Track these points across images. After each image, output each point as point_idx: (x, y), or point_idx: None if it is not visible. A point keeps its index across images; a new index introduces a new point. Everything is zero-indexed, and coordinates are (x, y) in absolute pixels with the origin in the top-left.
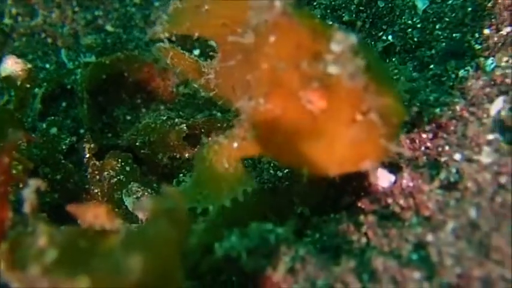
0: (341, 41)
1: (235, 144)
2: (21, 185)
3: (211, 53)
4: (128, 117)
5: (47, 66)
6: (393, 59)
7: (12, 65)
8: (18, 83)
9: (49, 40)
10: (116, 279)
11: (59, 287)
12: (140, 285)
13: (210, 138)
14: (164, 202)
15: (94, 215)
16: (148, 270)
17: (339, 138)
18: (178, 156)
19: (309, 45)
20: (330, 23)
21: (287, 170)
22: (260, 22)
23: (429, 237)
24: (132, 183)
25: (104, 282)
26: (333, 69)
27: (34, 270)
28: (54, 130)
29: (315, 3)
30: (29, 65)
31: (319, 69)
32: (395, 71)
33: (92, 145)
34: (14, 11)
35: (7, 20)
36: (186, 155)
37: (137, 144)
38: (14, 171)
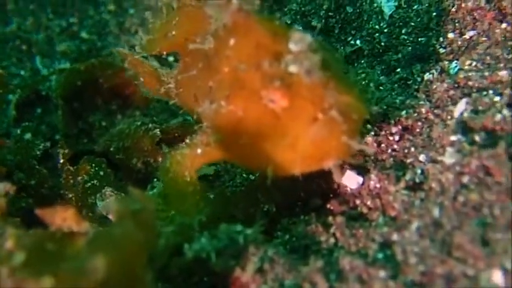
0: (299, 41)
1: (199, 151)
2: None
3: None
4: (104, 123)
5: (22, 72)
6: (362, 62)
7: None
8: None
9: (24, 47)
10: (79, 279)
11: (24, 287)
12: (105, 286)
13: (172, 149)
14: (131, 204)
15: (62, 217)
16: (113, 270)
17: (301, 136)
18: (152, 161)
19: (269, 45)
20: (300, 28)
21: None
22: (219, 27)
23: (394, 237)
24: (105, 188)
25: (68, 282)
26: (293, 68)
27: (2, 272)
28: (28, 136)
29: (285, 10)
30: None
31: (280, 68)
32: (363, 74)
33: (66, 150)
34: None
35: None
36: (160, 160)
37: (112, 149)
38: None
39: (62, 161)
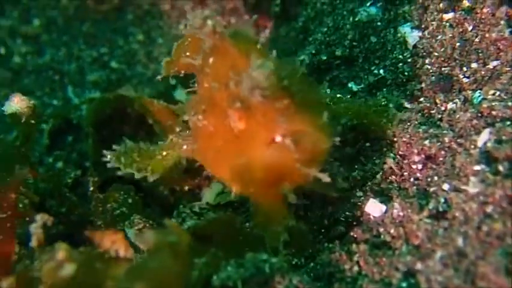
0: (257, 66)
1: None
2: (27, 219)
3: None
4: None
5: (54, 102)
6: (384, 90)
7: (18, 103)
8: (23, 119)
9: (56, 77)
10: None
11: None
12: None
13: None
14: (167, 235)
15: (111, 240)
16: None
17: (256, 158)
18: (178, 188)
19: (240, 67)
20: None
21: None
22: (207, 45)
23: (418, 266)
24: (134, 215)
25: None
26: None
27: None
28: (60, 164)
29: (310, 39)
30: (33, 102)
31: (243, 90)
32: (383, 99)
33: (96, 178)
34: (23, 49)
35: (17, 59)
36: (186, 187)
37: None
38: (20, 205)
39: (91, 188)
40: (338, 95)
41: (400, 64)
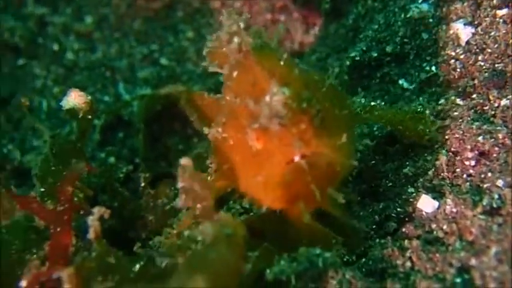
0: (274, 94)
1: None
2: (81, 212)
3: None
4: (180, 147)
5: (106, 98)
6: (433, 89)
7: (75, 98)
8: (80, 114)
9: (108, 73)
10: None
11: None
12: None
13: None
14: (223, 228)
15: None
16: None
17: (272, 177)
18: None
19: (264, 86)
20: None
21: None
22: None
23: (472, 261)
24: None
25: None
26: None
27: None
28: (112, 159)
29: (360, 36)
30: (90, 98)
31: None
32: (420, 106)
33: (147, 175)
34: (76, 46)
35: (69, 55)
36: None
37: None
38: (75, 199)
39: (143, 184)
40: (372, 103)
41: (453, 61)
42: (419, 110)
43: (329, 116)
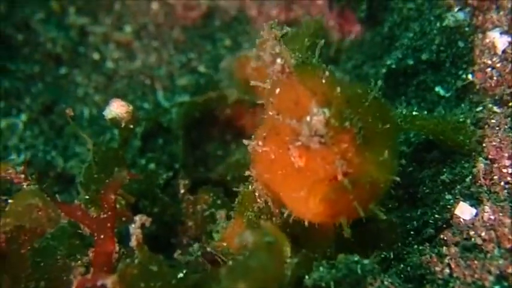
0: (313, 115)
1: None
2: (123, 219)
3: None
4: (219, 153)
5: (145, 105)
6: (470, 96)
7: (118, 108)
8: (123, 124)
9: (147, 81)
10: None
11: None
12: None
13: None
14: (264, 236)
15: None
16: None
17: (315, 194)
18: None
19: (306, 104)
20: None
21: None
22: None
23: (511, 269)
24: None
25: None
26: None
27: None
28: (152, 166)
29: (396, 44)
30: (132, 107)
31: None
32: (461, 116)
33: (187, 181)
34: (116, 55)
35: (109, 64)
36: None
37: (228, 178)
38: (117, 206)
39: (182, 191)
40: (414, 113)
41: (489, 69)
42: (460, 119)
43: (372, 131)
